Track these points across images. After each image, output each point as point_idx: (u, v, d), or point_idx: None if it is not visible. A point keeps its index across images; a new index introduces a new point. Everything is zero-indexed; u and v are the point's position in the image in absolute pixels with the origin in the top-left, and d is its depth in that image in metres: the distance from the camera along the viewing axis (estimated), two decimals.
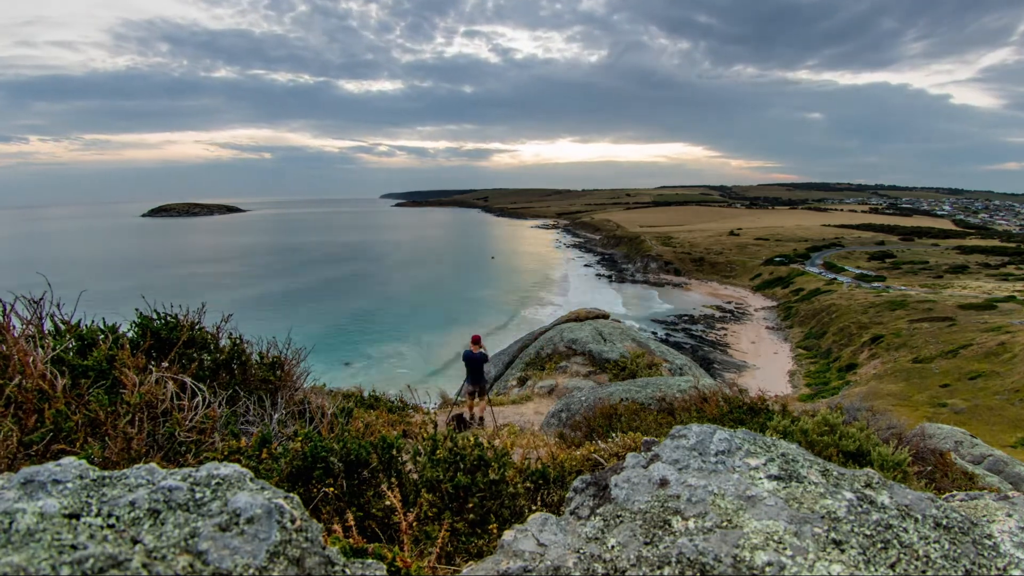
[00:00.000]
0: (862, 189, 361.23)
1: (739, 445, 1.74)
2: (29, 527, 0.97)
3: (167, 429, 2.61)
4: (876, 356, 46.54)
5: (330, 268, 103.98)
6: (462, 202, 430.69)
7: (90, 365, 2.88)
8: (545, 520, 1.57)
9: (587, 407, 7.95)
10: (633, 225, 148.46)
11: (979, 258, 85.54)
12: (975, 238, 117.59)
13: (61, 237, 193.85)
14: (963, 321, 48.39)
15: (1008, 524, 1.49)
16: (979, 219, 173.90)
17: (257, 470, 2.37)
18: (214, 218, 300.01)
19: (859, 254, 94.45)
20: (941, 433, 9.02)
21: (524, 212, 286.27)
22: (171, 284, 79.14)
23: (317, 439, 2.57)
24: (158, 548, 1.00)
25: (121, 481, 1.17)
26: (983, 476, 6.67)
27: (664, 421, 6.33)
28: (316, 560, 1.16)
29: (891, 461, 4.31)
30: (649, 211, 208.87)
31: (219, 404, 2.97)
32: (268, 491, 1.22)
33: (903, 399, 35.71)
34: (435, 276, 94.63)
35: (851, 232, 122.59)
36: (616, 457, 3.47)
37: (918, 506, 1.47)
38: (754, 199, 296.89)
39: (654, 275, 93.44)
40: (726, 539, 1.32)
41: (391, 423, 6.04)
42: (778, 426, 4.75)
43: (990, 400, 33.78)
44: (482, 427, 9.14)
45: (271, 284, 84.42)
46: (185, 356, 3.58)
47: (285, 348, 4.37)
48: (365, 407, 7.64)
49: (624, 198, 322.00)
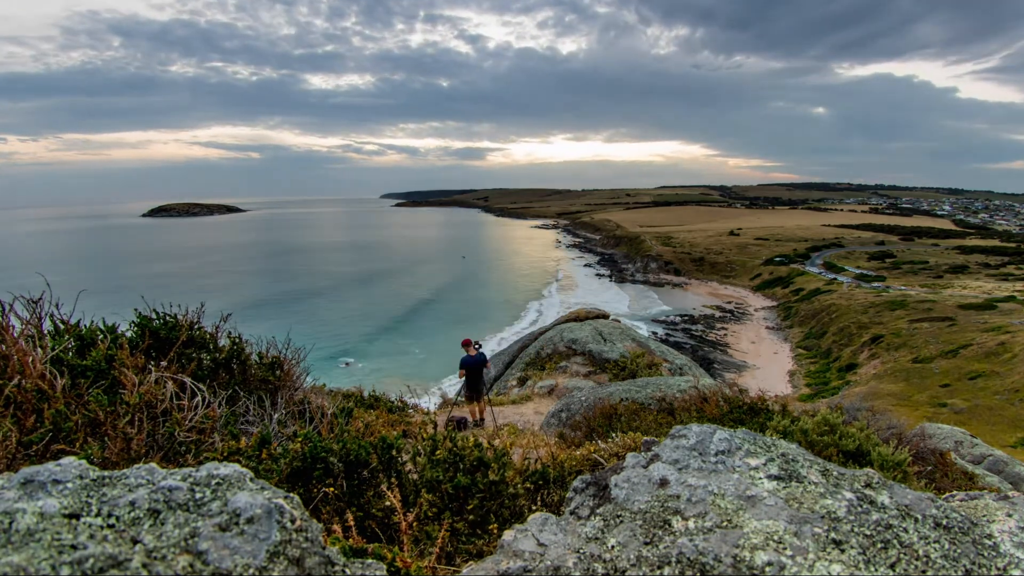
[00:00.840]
0: (862, 189, 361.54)
1: (739, 445, 1.74)
2: (29, 527, 0.97)
3: (167, 429, 2.61)
4: (876, 356, 46.54)
5: (349, 265, 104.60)
6: (462, 202, 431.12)
7: (89, 365, 2.88)
8: (545, 520, 1.57)
9: (587, 407, 7.95)
10: (633, 225, 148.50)
11: (979, 258, 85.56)
12: (975, 238, 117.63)
13: (71, 237, 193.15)
14: (963, 321, 48.40)
15: (1008, 524, 1.49)
16: (979, 219, 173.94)
17: (257, 470, 2.37)
18: (214, 218, 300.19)
19: (859, 254, 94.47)
20: (941, 433, 9.03)
21: (524, 212, 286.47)
22: (206, 283, 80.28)
23: (317, 439, 2.56)
24: (158, 548, 1.00)
25: (121, 481, 1.16)
26: (983, 476, 6.67)
27: (664, 421, 6.33)
28: (316, 560, 1.16)
29: (891, 461, 4.31)
30: (649, 211, 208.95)
31: (219, 404, 2.97)
32: (268, 491, 1.22)
33: (903, 399, 35.71)
34: (435, 276, 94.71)
35: (851, 232, 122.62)
36: (616, 457, 3.47)
37: (918, 506, 1.47)
38: (754, 199, 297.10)
39: (654, 275, 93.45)
40: (726, 539, 1.32)
41: (391, 423, 6.04)
42: (778, 426, 4.75)
43: (990, 400, 33.79)
44: (482, 427, 9.04)
45: (287, 284, 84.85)
46: (184, 356, 3.58)
47: (285, 348, 4.37)
48: (365, 407, 7.64)
49: (624, 198, 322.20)
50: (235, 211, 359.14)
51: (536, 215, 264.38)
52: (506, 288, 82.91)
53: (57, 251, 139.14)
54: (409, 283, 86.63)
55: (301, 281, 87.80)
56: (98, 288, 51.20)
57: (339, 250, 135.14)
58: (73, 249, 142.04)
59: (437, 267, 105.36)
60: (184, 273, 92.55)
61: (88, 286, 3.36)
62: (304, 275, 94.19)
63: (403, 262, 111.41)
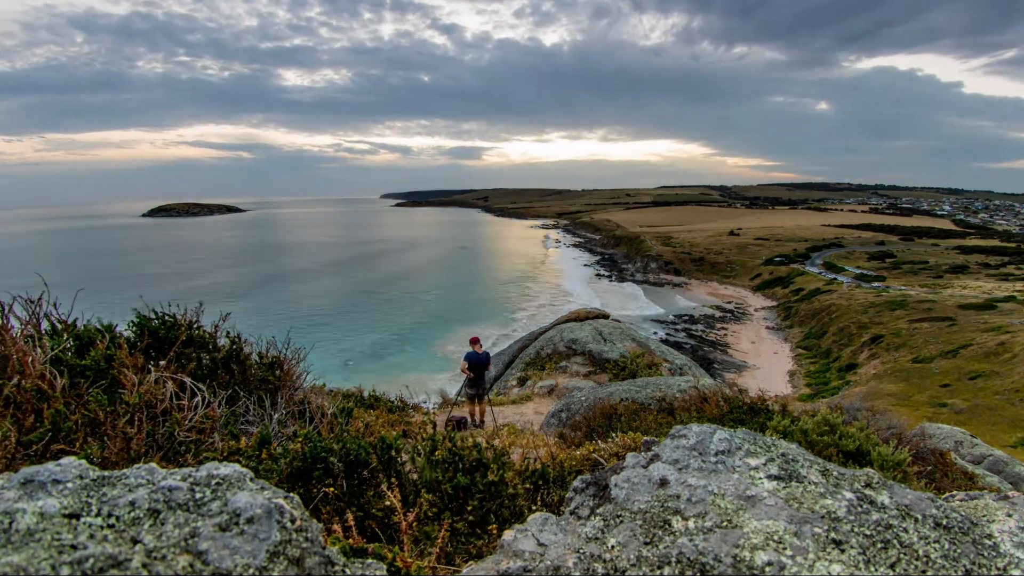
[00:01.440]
0: (862, 189, 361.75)
1: (739, 445, 1.74)
2: (29, 527, 0.97)
3: (166, 429, 2.61)
4: (876, 356, 46.55)
5: (348, 266, 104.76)
6: (462, 202, 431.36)
7: (88, 365, 2.88)
8: (545, 520, 1.57)
9: (587, 407, 7.95)
10: (633, 225, 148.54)
11: (979, 258, 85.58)
12: (975, 238, 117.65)
13: (73, 238, 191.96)
14: (963, 321, 48.40)
15: (1008, 524, 1.49)
16: (979, 219, 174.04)
17: (257, 470, 2.37)
18: (214, 218, 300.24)
19: (859, 254, 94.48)
20: (941, 433, 9.03)
21: (524, 212, 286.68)
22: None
23: (317, 439, 2.56)
24: (158, 548, 1.00)
25: (121, 481, 1.16)
26: (983, 476, 6.67)
27: (664, 421, 6.33)
28: (316, 560, 1.16)
29: (891, 461, 4.31)
30: (649, 211, 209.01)
31: (219, 404, 2.96)
32: (268, 491, 1.22)
33: (903, 399, 35.71)
34: (435, 275, 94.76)
35: (851, 232, 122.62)
36: (616, 457, 3.47)
37: (918, 506, 1.47)
38: (754, 199, 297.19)
39: (654, 275, 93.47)
40: (726, 539, 1.32)
41: (391, 423, 6.04)
42: (778, 426, 4.75)
43: (990, 400, 33.80)
44: (482, 428, 9.02)
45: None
46: (184, 355, 3.58)
47: (284, 348, 4.37)
48: (365, 407, 7.64)
49: (624, 198, 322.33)
50: (235, 211, 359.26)
51: (536, 215, 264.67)
52: (506, 288, 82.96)
53: (61, 250, 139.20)
54: (410, 284, 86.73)
55: (301, 281, 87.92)
56: (130, 296, 51.40)
57: (335, 250, 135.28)
58: (78, 249, 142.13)
59: (437, 268, 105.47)
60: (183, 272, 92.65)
61: (110, 291, 3.34)
62: (304, 274, 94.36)
63: (402, 263, 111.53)
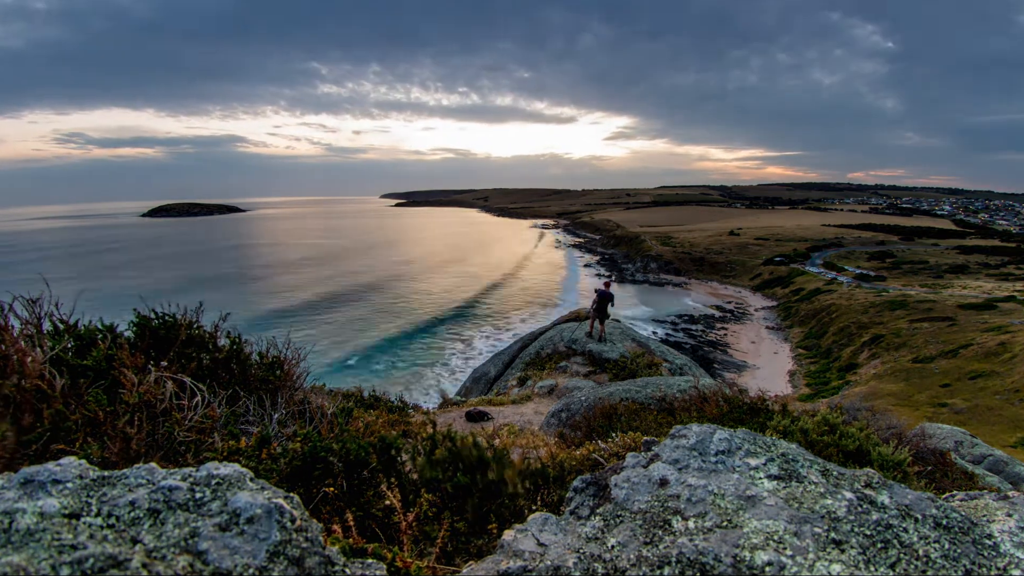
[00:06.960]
0: (862, 189, 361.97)
1: (739, 445, 1.74)
2: (29, 527, 0.97)
3: (166, 429, 2.61)
4: (876, 356, 46.56)
5: (347, 265, 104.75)
6: (461, 202, 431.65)
7: (88, 365, 2.88)
8: (545, 520, 1.57)
9: (587, 407, 7.95)
10: (633, 225, 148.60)
11: (979, 258, 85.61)
12: (975, 238, 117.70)
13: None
14: (963, 321, 48.41)
15: (1008, 524, 1.49)
16: (979, 219, 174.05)
17: (257, 470, 2.37)
18: (214, 218, 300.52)
19: (859, 254, 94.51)
20: (941, 433, 9.03)
21: (524, 212, 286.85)
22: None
23: (317, 439, 2.56)
24: (158, 548, 1.00)
25: (121, 481, 1.16)
26: (983, 476, 6.67)
27: (664, 421, 6.33)
28: (316, 560, 1.16)
29: (891, 461, 4.31)
30: (649, 211, 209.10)
31: (219, 404, 2.97)
32: (268, 491, 1.22)
33: (903, 399, 35.72)
34: (435, 276, 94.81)
35: (851, 232, 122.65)
36: (616, 457, 3.47)
37: (918, 506, 1.47)
38: (754, 199, 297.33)
39: (654, 275, 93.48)
40: (726, 539, 1.32)
41: (391, 423, 6.04)
42: (778, 426, 4.75)
43: (990, 400, 33.79)
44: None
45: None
46: (184, 355, 3.58)
47: (285, 348, 4.37)
48: (365, 407, 7.64)
49: (624, 198, 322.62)
50: (236, 211, 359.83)
51: (536, 215, 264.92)
52: (505, 288, 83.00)
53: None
54: (410, 285, 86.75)
55: (300, 281, 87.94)
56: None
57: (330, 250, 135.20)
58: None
59: (438, 267, 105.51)
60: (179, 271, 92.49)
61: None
62: (304, 274, 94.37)
63: (401, 261, 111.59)
